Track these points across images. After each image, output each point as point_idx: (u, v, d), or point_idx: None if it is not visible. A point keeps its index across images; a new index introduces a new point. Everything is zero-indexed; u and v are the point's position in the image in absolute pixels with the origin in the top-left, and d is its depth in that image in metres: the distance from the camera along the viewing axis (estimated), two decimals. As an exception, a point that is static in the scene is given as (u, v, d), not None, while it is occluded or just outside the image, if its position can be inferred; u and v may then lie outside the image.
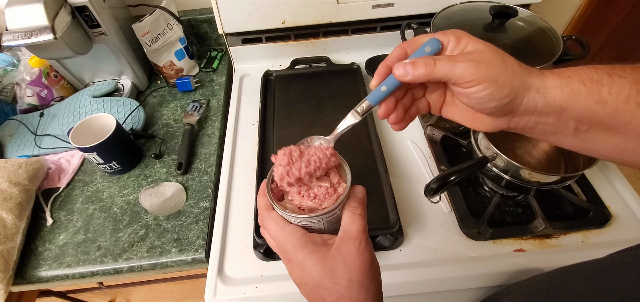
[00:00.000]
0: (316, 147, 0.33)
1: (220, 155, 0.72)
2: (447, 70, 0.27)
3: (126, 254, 0.57)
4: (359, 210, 0.30)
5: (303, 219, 0.31)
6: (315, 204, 0.32)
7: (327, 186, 0.32)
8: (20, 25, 0.61)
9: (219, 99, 0.82)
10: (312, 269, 0.29)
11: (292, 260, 0.30)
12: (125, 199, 0.64)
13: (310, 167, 0.32)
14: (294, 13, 0.78)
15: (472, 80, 0.27)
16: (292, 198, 0.33)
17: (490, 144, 0.53)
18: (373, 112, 0.72)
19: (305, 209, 0.32)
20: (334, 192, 0.32)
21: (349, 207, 0.31)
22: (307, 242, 0.30)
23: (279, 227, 0.31)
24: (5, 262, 0.54)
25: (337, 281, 0.28)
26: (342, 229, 0.30)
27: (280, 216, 0.31)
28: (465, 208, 0.57)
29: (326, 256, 0.29)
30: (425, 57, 0.29)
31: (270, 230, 0.31)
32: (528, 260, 0.52)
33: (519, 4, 0.67)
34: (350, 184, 0.32)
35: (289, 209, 0.31)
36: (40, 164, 0.65)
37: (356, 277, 0.28)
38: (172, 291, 0.82)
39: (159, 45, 0.79)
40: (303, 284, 0.30)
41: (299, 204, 0.32)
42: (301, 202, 0.32)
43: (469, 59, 0.27)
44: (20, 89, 0.77)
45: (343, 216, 0.31)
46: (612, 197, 0.59)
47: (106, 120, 0.64)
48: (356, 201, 0.31)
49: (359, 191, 0.32)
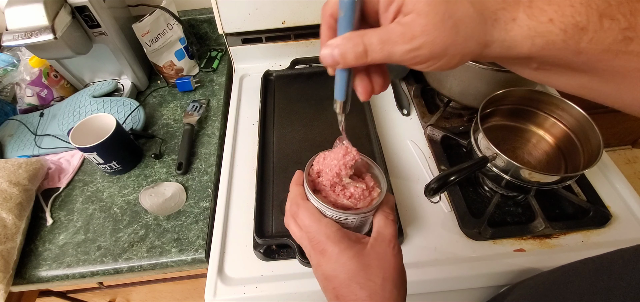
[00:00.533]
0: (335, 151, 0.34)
1: (220, 155, 0.72)
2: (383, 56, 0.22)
3: (126, 254, 0.57)
4: (392, 216, 0.32)
5: (339, 214, 0.31)
6: (350, 203, 0.33)
7: (363, 188, 0.34)
8: (20, 25, 0.61)
9: (219, 99, 0.82)
10: (348, 263, 0.29)
11: (326, 252, 0.30)
12: (125, 199, 0.64)
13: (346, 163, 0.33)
14: (294, 13, 0.78)
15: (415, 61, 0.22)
16: (327, 195, 0.34)
17: (490, 144, 0.53)
18: (373, 113, 0.72)
19: (340, 206, 0.33)
20: (368, 194, 0.34)
21: (382, 212, 0.32)
22: (344, 237, 0.30)
23: (315, 218, 0.31)
24: (5, 262, 0.54)
25: (371, 277, 0.29)
26: (375, 230, 0.31)
27: (315, 207, 0.32)
28: (465, 208, 0.57)
29: (362, 252, 0.30)
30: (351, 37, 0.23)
31: (304, 220, 0.31)
32: (528, 260, 0.52)
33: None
34: (384, 191, 0.34)
35: (326, 202, 0.32)
36: (40, 164, 0.65)
37: (390, 277, 0.29)
38: (172, 291, 0.82)
39: (159, 45, 0.79)
40: (334, 276, 0.30)
41: (335, 201, 0.33)
42: (337, 200, 0.33)
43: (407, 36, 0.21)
44: (20, 89, 0.77)
45: (376, 219, 0.32)
46: (612, 197, 0.59)
47: (106, 120, 0.64)
48: (389, 207, 0.33)
49: (391, 199, 0.34)
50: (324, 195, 0.34)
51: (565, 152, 0.60)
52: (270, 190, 0.61)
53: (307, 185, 0.33)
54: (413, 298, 0.54)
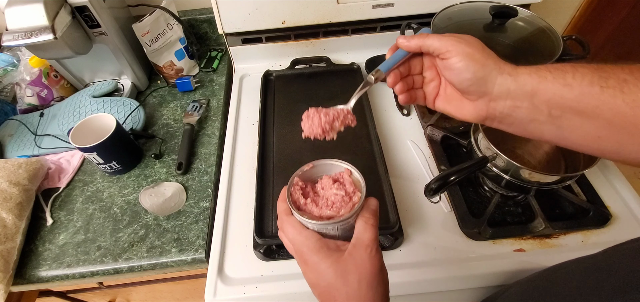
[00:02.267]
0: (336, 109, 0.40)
1: (220, 155, 0.72)
2: (433, 42, 0.33)
3: (126, 254, 0.57)
4: (372, 220, 0.33)
5: (319, 225, 0.33)
6: (331, 212, 0.34)
7: (343, 194, 0.35)
8: (20, 25, 0.61)
9: (219, 99, 0.82)
10: (326, 272, 0.31)
11: (307, 262, 0.33)
12: (125, 199, 0.64)
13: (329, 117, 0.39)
14: (294, 13, 0.78)
15: (451, 50, 0.32)
16: (311, 209, 0.35)
17: (490, 144, 0.53)
18: (373, 113, 0.72)
19: (322, 217, 0.34)
20: (349, 200, 0.35)
21: (362, 217, 0.33)
22: (322, 247, 0.32)
23: (297, 231, 0.33)
24: (5, 262, 0.54)
25: (348, 282, 0.30)
26: (354, 236, 0.32)
27: (298, 221, 0.34)
28: (465, 208, 0.57)
29: (339, 260, 0.31)
30: (420, 34, 0.35)
31: (289, 233, 0.34)
32: (528, 260, 0.52)
33: (519, 4, 0.67)
34: (364, 195, 0.34)
35: (306, 216, 0.34)
36: (40, 164, 0.65)
37: (366, 279, 0.30)
38: (172, 291, 0.82)
39: (159, 45, 0.79)
40: (317, 284, 0.33)
41: (318, 214, 0.35)
42: (320, 212, 0.35)
43: (452, 37, 0.33)
44: (20, 89, 0.77)
45: (356, 224, 0.33)
46: (612, 197, 0.59)
47: (106, 120, 0.64)
48: (369, 212, 0.33)
49: (372, 203, 0.35)
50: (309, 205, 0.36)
51: (565, 152, 0.60)
52: (270, 190, 0.61)
53: (290, 201, 0.35)
54: (413, 298, 0.54)
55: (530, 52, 0.63)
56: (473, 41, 0.33)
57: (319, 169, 0.39)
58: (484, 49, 0.32)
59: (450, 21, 0.68)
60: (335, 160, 0.39)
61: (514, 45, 0.65)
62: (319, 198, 0.37)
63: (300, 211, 0.35)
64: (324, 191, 0.37)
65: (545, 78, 0.29)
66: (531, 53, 0.63)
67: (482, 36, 0.66)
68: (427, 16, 0.70)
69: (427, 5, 0.77)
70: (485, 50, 0.32)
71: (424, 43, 0.34)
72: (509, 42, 0.65)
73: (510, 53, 0.65)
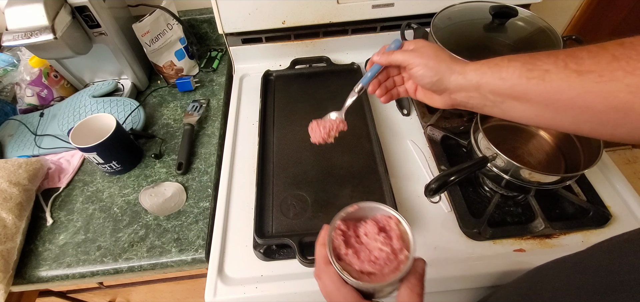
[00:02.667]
0: (330, 119, 0.51)
1: (220, 155, 0.72)
2: (397, 57, 0.43)
3: (126, 254, 0.57)
4: (418, 289, 0.31)
5: (359, 285, 0.31)
6: (373, 269, 0.32)
7: (388, 252, 0.33)
8: (20, 25, 0.61)
9: (219, 99, 0.82)
10: None
11: None
12: (125, 199, 0.64)
13: (326, 128, 0.49)
14: (294, 13, 0.78)
15: (411, 63, 0.41)
16: (351, 261, 0.33)
17: (490, 144, 0.53)
18: (373, 113, 0.72)
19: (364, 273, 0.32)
20: (395, 258, 0.33)
21: (408, 283, 0.31)
22: None
23: (335, 286, 0.32)
24: (5, 262, 0.54)
25: None
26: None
27: (337, 273, 0.32)
28: (465, 208, 0.57)
29: None
30: (389, 51, 0.44)
31: (327, 286, 0.32)
32: (528, 260, 0.52)
33: (519, 4, 0.67)
34: (413, 256, 0.32)
35: (347, 272, 0.32)
36: (40, 164, 0.65)
37: None
38: (172, 291, 0.82)
39: (159, 45, 0.79)
40: None
41: (359, 267, 0.32)
42: (361, 266, 0.33)
43: (412, 51, 0.42)
44: (20, 89, 0.77)
45: (401, 289, 0.31)
46: (612, 197, 0.59)
47: (106, 120, 0.64)
48: (416, 278, 0.31)
49: (420, 266, 0.32)
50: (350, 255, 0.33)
51: (565, 152, 0.60)
52: (270, 190, 0.61)
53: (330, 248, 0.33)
54: (413, 298, 0.54)
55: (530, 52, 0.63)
56: (429, 52, 0.41)
57: (363, 211, 0.37)
58: (437, 56, 0.40)
59: (450, 21, 0.68)
60: (382, 205, 0.37)
61: (514, 45, 0.65)
62: (361, 247, 0.34)
63: (340, 262, 0.33)
64: (368, 238, 0.35)
65: (485, 74, 0.36)
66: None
67: (482, 36, 0.67)
68: (427, 16, 0.70)
69: (427, 5, 0.77)
70: (438, 57, 0.40)
71: (391, 59, 0.44)
72: (509, 42, 0.65)
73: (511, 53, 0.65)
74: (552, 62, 0.32)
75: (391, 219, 0.36)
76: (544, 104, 0.33)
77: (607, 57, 0.29)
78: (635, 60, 0.27)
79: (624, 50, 0.28)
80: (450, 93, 0.40)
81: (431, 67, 0.40)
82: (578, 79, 0.30)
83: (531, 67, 0.33)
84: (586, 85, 0.29)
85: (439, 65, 0.40)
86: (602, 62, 0.29)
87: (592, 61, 0.29)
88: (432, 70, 0.40)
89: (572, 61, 0.30)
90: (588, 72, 0.29)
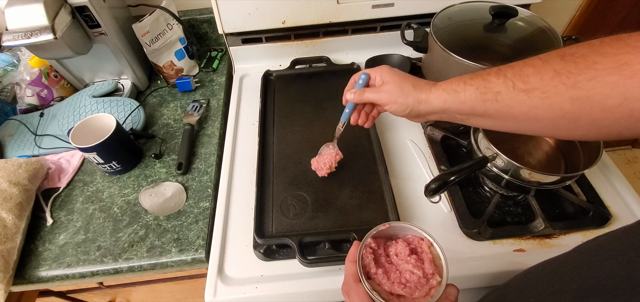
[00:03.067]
0: (328, 152, 0.59)
1: (220, 155, 0.72)
2: (370, 95, 0.47)
3: (126, 254, 0.57)
4: None
5: None
6: (403, 292, 0.32)
7: (420, 275, 0.33)
8: (20, 25, 0.61)
9: (219, 99, 0.82)
10: None
11: None
12: (125, 199, 0.64)
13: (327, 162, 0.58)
14: (294, 13, 0.78)
15: (383, 103, 0.46)
16: (381, 280, 0.33)
17: (490, 144, 0.53)
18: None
19: (393, 295, 0.32)
20: (426, 283, 0.32)
21: None
22: None
23: None
24: (5, 262, 0.54)
25: None
26: None
27: (366, 293, 0.32)
28: (465, 208, 0.57)
29: None
30: (360, 90, 0.48)
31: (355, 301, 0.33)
32: (528, 260, 0.52)
33: (519, 4, 0.67)
34: (446, 281, 0.32)
35: (376, 292, 0.32)
36: (40, 164, 0.65)
37: None
38: (172, 291, 0.82)
39: (159, 45, 0.79)
40: None
41: (389, 289, 0.32)
42: (391, 287, 0.32)
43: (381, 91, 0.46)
44: (20, 89, 0.77)
45: None
46: (612, 197, 0.59)
47: (106, 120, 0.64)
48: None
49: (452, 293, 0.33)
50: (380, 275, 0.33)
51: (565, 152, 0.60)
52: (270, 190, 0.61)
53: (360, 265, 0.33)
54: (413, 298, 0.54)
55: (530, 52, 0.63)
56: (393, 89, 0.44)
57: (394, 230, 0.37)
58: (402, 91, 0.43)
59: (450, 21, 0.68)
60: (413, 225, 0.36)
61: (514, 45, 0.65)
62: (392, 268, 0.34)
63: (369, 281, 0.33)
64: (398, 259, 0.34)
65: (447, 100, 0.40)
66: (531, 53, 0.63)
67: (482, 36, 0.67)
68: (427, 16, 0.71)
69: (427, 5, 0.77)
70: (403, 91, 0.43)
71: (364, 98, 0.48)
72: (509, 42, 0.65)
73: (510, 53, 0.65)
74: (502, 83, 0.34)
75: (423, 241, 0.35)
76: (503, 118, 0.36)
77: (549, 72, 0.31)
78: (575, 74, 0.29)
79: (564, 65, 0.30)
80: (423, 116, 0.44)
81: (401, 104, 0.44)
82: (526, 97, 0.32)
83: (484, 90, 0.36)
84: (534, 101, 0.32)
85: (407, 100, 0.43)
86: (545, 78, 0.31)
87: (537, 78, 0.32)
88: (402, 106, 0.44)
89: (518, 80, 0.33)
90: (533, 90, 0.32)
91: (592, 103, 0.28)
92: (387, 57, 0.84)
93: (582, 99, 0.29)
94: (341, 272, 0.53)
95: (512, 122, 0.36)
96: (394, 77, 0.45)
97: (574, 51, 0.30)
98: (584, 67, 0.28)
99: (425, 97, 0.42)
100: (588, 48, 0.29)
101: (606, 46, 0.28)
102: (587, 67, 0.28)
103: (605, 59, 0.27)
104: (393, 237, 0.38)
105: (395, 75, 0.45)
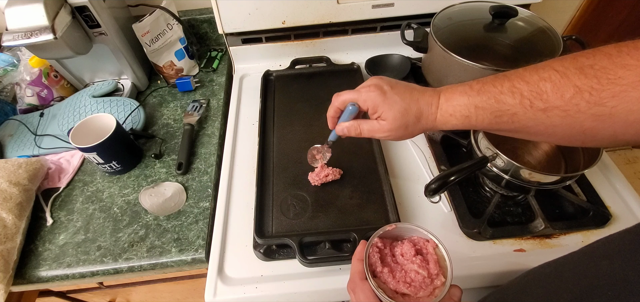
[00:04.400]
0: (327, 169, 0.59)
1: (220, 155, 0.72)
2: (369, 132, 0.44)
3: (126, 254, 0.57)
4: None
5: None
6: (408, 291, 0.32)
7: (425, 275, 0.33)
8: (20, 25, 0.61)
9: (219, 99, 0.82)
10: None
11: None
12: (125, 199, 0.64)
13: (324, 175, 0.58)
14: (294, 13, 0.78)
15: (384, 137, 0.43)
16: (386, 279, 0.34)
17: (490, 144, 0.53)
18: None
19: (398, 294, 0.33)
20: (430, 283, 0.33)
21: None
22: None
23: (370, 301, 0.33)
24: (5, 262, 0.54)
25: None
26: None
27: (372, 290, 0.32)
28: (465, 208, 0.57)
29: None
30: (355, 124, 0.45)
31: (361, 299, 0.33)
32: (528, 260, 0.52)
33: (519, 4, 0.67)
34: (450, 282, 0.32)
35: (382, 290, 0.32)
36: (40, 164, 0.65)
37: None
38: (172, 291, 0.82)
39: (159, 45, 0.79)
40: None
41: (394, 287, 0.33)
42: (396, 286, 0.33)
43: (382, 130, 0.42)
44: (20, 89, 0.77)
45: None
46: (612, 197, 0.59)
47: (106, 120, 0.64)
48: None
49: (456, 294, 0.33)
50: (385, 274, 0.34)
51: (565, 152, 0.60)
52: (270, 190, 0.61)
53: (367, 264, 0.33)
54: (413, 298, 0.54)
55: (530, 52, 0.63)
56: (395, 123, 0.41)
57: (400, 231, 0.38)
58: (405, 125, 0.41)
59: (450, 21, 0.68)
60: (420, 227, 0.37)
61: (514, 45, 0.65)
62: (397, 267, 0.34)
63: (375, 279, 0.33)
64: (404, 259, 0.35)
65: (456, 126, 0.39)
66: (531, 53, 0.63)
67: (482, 36, 0.67)
68: (427, 16, 0.71)
69: (427, 5, 0.77)
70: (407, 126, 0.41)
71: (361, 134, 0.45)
72: (509, 42, 0.65)
73: (511, 53, 0.65)
74: (518, 104, 0.33)
75: (429, 242, 0.36)
76: (515, 133, 0.36)
77: (570, 90, 0.29)
78: (598, 91, 0.28)
79: (586, 80, 0.28)
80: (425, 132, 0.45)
81: (402, 135, 0.42)
82: (544, 116, 0.31)
83: (499, 114, 0.35)
84: (553, 120, 0.31)
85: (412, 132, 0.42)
86: (566, 97, 0.29)
87: (556, 96, 0.30)
88: (405, 137, 0.43)
89: (537, 99, 0.31)
90: (553, 109, 0.30)
91: (614, 119, 0.27)
92: (387, 57, 0.84)
93: (604, 116, 0.28)
94: (341, 272, 0.53)
95: (525, 136, 0.36)
96: (394, 112, 0.40)
97: (592, 62, 0.28)
98: (607, 83, 0.27)
99: (430, 127, 0.40)
100: (607, 59, 0.28)
101: (626, 56, 0.27)
102: (609, 83, 0.27)
103: (628, 72, 0.26)
104: (399, 237, 0.38)
105: (394, 109, 0.40)
